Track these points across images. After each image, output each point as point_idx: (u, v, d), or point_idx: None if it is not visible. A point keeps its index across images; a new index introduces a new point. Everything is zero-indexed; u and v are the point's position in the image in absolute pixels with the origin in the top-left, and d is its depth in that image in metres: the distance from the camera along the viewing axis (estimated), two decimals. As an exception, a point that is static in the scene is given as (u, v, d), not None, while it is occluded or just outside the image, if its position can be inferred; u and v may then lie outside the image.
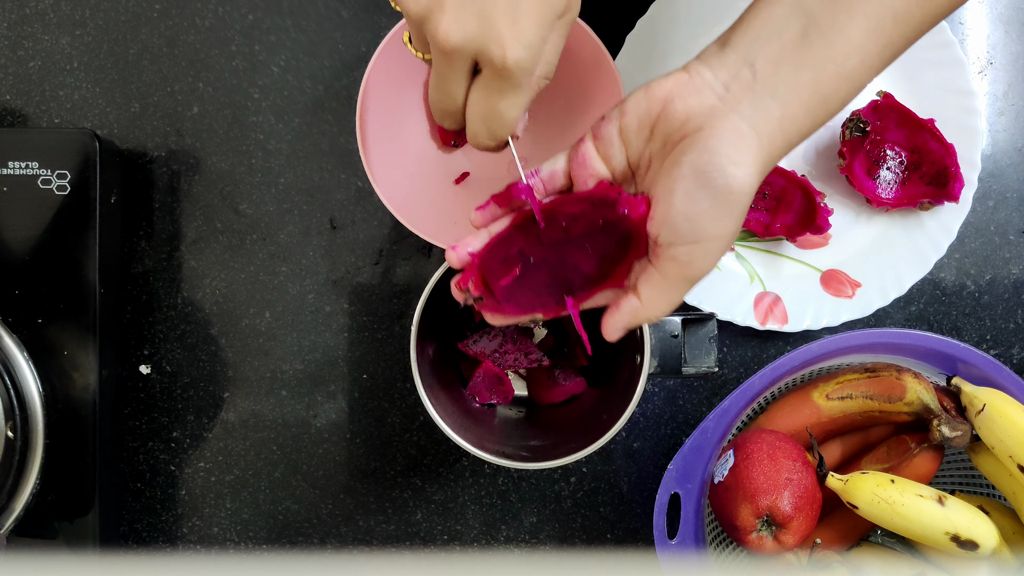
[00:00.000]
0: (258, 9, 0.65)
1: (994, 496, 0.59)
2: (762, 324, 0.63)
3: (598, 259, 0.44)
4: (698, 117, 0.40)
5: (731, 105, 0.40)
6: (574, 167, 0.44)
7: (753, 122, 0.40)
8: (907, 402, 0.56)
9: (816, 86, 0.40)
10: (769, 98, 0.39)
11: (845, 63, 0.39)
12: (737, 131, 0.39)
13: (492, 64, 0.39)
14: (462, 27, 0.38)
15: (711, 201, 0.40)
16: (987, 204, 0.65)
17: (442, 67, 0.41)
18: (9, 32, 0.65)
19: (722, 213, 0.40)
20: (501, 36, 0.38)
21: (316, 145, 0.65)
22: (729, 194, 0.39)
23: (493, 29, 0.38)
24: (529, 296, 0.45)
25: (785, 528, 0.54)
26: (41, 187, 0.59)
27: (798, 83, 0.39)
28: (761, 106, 0.40)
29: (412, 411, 0.65)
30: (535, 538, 0.65)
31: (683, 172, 0.40)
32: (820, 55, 0.39)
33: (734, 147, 0.39)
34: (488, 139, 0.43)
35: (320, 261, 0.65)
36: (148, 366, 0.65)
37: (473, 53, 0.39)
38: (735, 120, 0.40)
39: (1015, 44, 0.66)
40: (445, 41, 0.39)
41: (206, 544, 0.65)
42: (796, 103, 0.40)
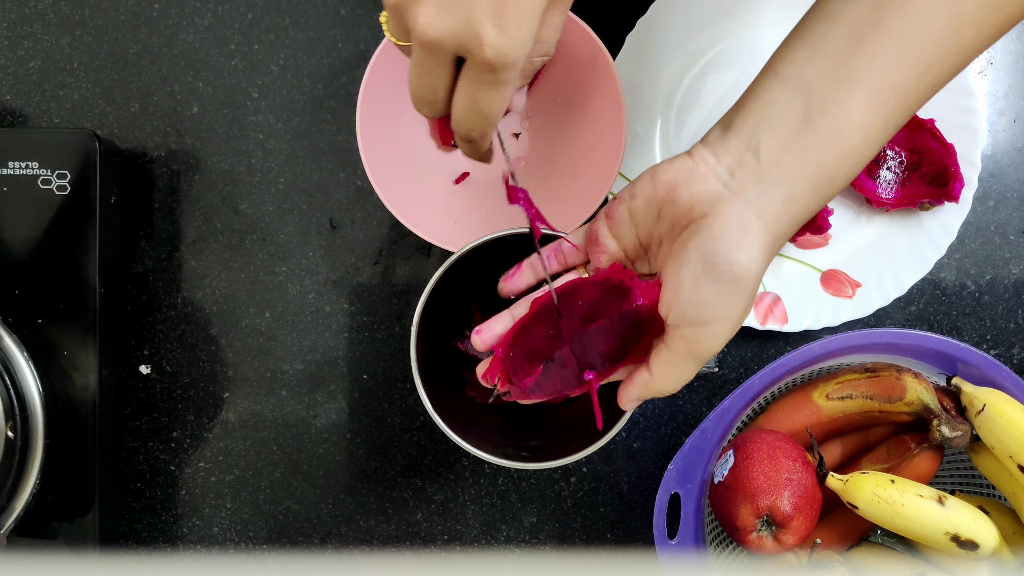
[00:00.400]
0: (257, 8, 0.65)
1: (994, 496, 0.59)
2: (762, 324, 0.63)
3: (617, 342, 0.45)
4: (703, 204, 0.40)
5: (735, 192, 0.40)
6: (588, 244, 0.46)
7: (758, 208, 0.40)
8: (907, 402, 0.56)
9: (820, 166, 0.40)
10: (774, 184, 0.40)
11: (849, 140, 0.40)
12: (742, 218, 0.40)
13: (475, 58, 0.38)
14: (444, 19, 0.37)
15: (717, 287, 0.40)
16: (987, 204, 0.65)
17: (422, 58, 0.40)
18: (9, 32, 0.65)
19: (728, 298, 0.40)
20: (484, 29, 0.37)
21: (315, 144, 0.65)
22: (734, 279, 0.40)
23: (476, 21, 0.37)
24: (554, 382, 0.47)
25: (785, 528, 0.54)
26: (41, 187, 0.59)
27: (803, 166, 0.40)
28: (766, 192, 0.40)
29: (412, 411, 0.65)
30: (535, 538, 0.65)
31: (689, 257, 0.41)
32: (823, 135, 0.39)
33: (739, 234, 0.40)
34: (473, 132, 0.42)
35: (320, 261, 0.65)
36: (148, 366, 0.65)
37: (455, 46, 0.38)
38: (740, 207, 0.40)
39: (1015, 44, 0.66)
40: (424, 33, 0.38)
41: (206, 544, 0.65)
42: (801, 185, 0.40)
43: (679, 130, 0.64)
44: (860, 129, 0.40)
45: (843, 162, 0.40)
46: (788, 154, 0.40)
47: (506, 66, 0.38)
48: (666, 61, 0.63)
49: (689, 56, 0.64)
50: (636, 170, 0.64)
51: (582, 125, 0.62)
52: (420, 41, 0.38)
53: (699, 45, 0.64)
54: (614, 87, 0.58)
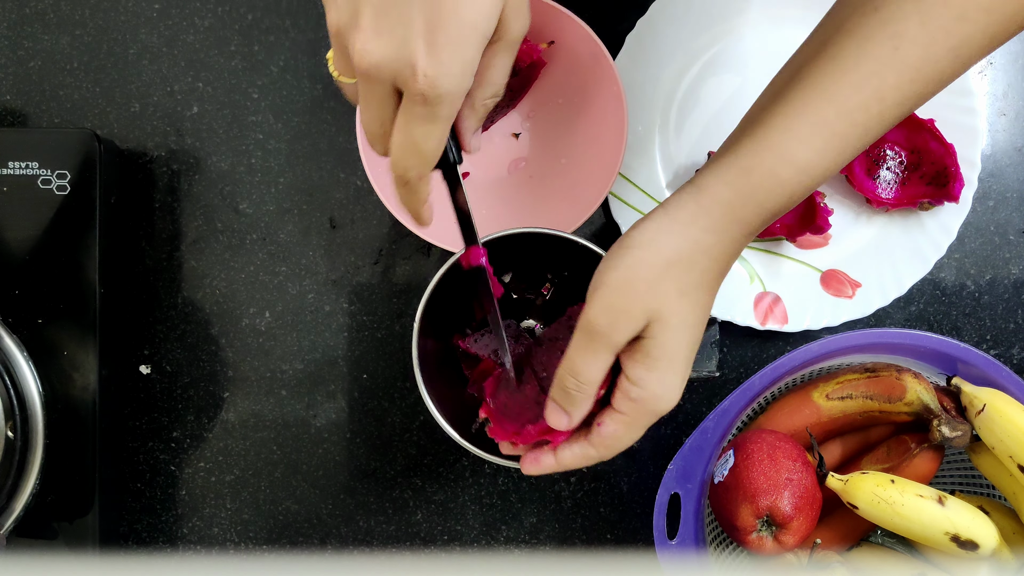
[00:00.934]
0: (257, 9, 0.65)
1: (994, 496, 0.59)
2: (762, 324, 0.63)
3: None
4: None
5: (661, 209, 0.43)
6: None
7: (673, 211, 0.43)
8: (907, 402, 0.56)
9: (741, 174, 0.41)
10: (688, 190, 0.43)
11: (778, 150, 0.41)
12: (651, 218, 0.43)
13: (409, 89, 0.37)
14: (378, 47, 0.37)
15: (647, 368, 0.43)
16: (987, 204, 0.65)
17: (363, 87, 0.39)
18: (9, 32, 0.65)
19: (658, 371, 0.43)
20: (416, 60, 0.36)
21: (315, 144, 0.65)
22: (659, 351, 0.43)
23: (409, 52, 0.36)
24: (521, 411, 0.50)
25: (785, 528, 0.54)
26: (41, 187, 0.59)
27: (719, 176, 0.42)
28: (680, 195, 0.43)
29: (412, 411, 0.65)
30: (535, 538, 0.65)
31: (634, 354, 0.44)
32: (745, 147, 0.41)
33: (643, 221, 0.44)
34: (408, 172, 0.41)
35: (320, 261, 0.65)
36: (148, 366, 0.65)
37: (391, 74, 0.37)
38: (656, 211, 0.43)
39: (1015, 44, 0.66)
40: (361, 60, 0.37)
41: (206, 544, 0.65)
42: (718, 190, 0.42)
43: (679, 130, 0.64)
44: (792, 138, 0.41)
45: (771, 171, 0.41)
46: (706, 175, 0.42)
47: (440, 98, 0.37)
48: (666, 61, 0.63)
49: (689, 56, 0.64)
50: (636, 170, 0.64)
51: (583, 125, 0.62)
52: (358, 69, 0.38)
53: (699, 45, 0.64)
54: (615, 87, 0.58)
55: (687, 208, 0.42)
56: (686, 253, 0.41)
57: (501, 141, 0.64)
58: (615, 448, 0.45)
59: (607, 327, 0.42)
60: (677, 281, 0.41)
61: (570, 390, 0.44)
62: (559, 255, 0.58)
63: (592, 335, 0.42)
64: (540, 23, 0.59)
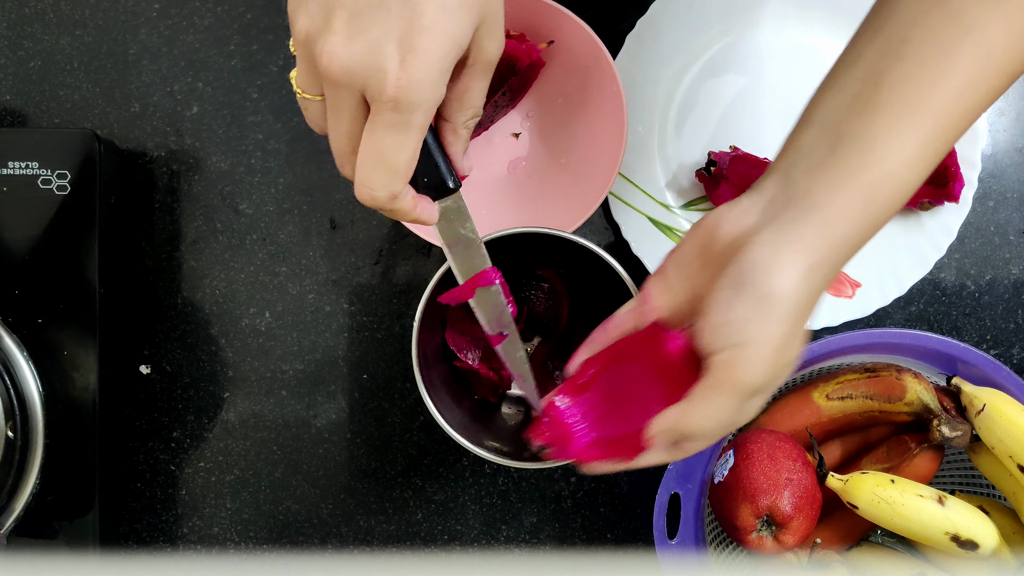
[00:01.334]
0: (256, 8, 0.65)
1: (994, 496, 0.59)
2: (762, 324, 0.63)
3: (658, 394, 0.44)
4: (739, 239, 0.40)
5: (768, 223, 0.40)
6: (639, 307, 0.45)
7: (789, 235, 0.40)
8: (907, 402, 0.56)
9: (854, 192, 0.40)
10: (805, 211, 0.40)
11: (881, 165, 0.39)
12: (773, 244, 0.40)
13: (377, 97, 0.37)
14: (349, 53, 0.36)
15: (747, 304, 0.39)
16: (987, 204, 0.65)
17: (331, 98, 0.38)
18: (9, 32, 0.65)
19: (761, 318, 0.39)
20: (388, 67, 0.36)
21: (315, 144, 0.65)
22: (766, 298, 0.39)
23: (382, 57, 0.36)
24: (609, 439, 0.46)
25: (785, 528, 0.54)
26: (41, 187, 0.59)
27: (833, 193, 0.40)
28: (799, 220, 0.40)
29: (412, 411, 0.65)
30: (535, 538, 0.65)
31: (722, 283, 0.40)
32: (852, 163, 0.39)
33: (771, 258, 0.39)
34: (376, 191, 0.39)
35: (320, 261, 0.65)
36: (148, 366, 0.65)
37: (362, 81, 0.36)
38: (771, 235, 0.40)
39: (1015, 44, 0.66)
40: (328, 66, 0.36)
41: (206, 544, 0.65)
42: (835, 212, 0.40)
43: (679, 130, 0.64)
44: (893, 152, 0.39)
45: (879, 187, 0.40)
46: (817, 183, 0.40)
47: (413, 105, 0.37)
48: (666, 61, 0.63)
49: (689, 56, 0.64)
50: (636, 170, 0.64)
51: (583, 125, 0.62)
52: (327, 75, 0.37)
53: (699, 45, 0.64)
54: (615, 87, 0.58)
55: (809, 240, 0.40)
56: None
57: (501, 141, 0.64)
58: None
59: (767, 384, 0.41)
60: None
61: (686, 451, 0.43)
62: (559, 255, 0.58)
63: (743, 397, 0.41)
64: (540, 23, 0.59)
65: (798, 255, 0.40)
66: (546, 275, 0.61)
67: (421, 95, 0.37)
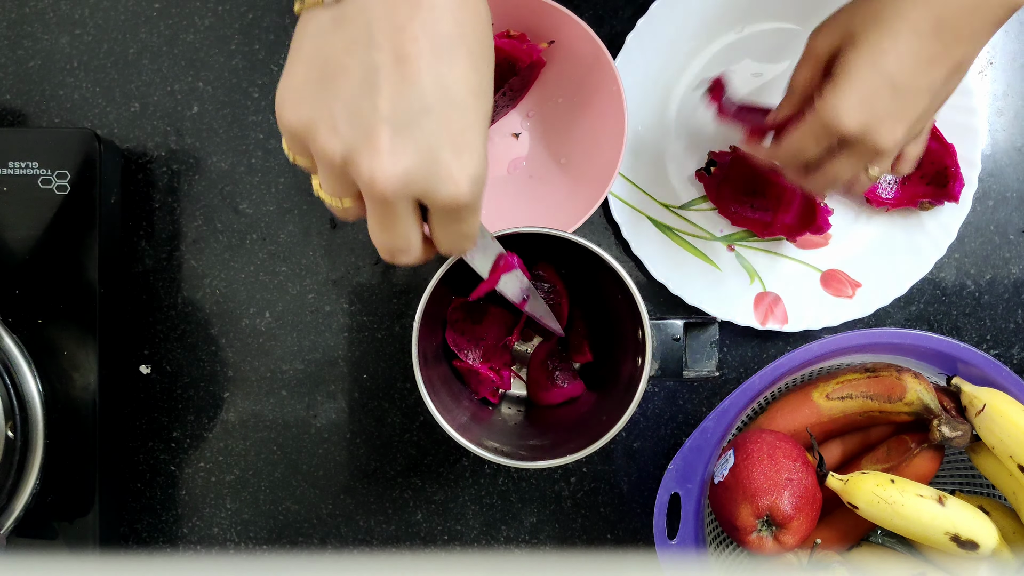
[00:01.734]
0: (257, 8, 0.65)
1: (994, 496, 0.59)
2: (762, 324, 0.63)
3: None
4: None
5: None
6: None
7: None
8: (907, 402, 0.56)
9: None
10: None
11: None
12: None
13: (443, 202, 0.36)
14: (404, 168, 0.35)
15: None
16: (987, 204, 0.65)
17: (380, 210, 0.37)
18: (9, 32, 0.65)
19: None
20: (448, 172, 0.35)
21: (316, 145, 0.65)
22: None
23: (439, 166, 0.35)
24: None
25: (785, 528, 0.54)
26: (41, 187, 0.59)
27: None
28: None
29: (412, 411, 0.65)
30: (535, 538, 0.65)
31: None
32: None
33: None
34: (461, 253, 0.44)
35: (320, 261, 0.65)
36: (148, 366, 0.65)
37: (419, 193, 0.36)
38: None
39: (1015, 44, 0.66)
40: (384, 186, 0.35)
41: (206, 544, 0.65)
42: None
43: (679, 130, 0.64)
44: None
45: None
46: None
47: (479, 194, 0.37)
48: (666, 61, 0.63)
49: (689, 55, 0.64)
50: (636, 170, 0.64)
51: (582, 125, 0.62)
52: (379, 195, 0.35)
53: (699, 44, 0.64)
54: (615, 87, 0.58)
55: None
56: None
57: (501, 141, 0.64)
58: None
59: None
60: None
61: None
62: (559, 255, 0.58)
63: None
64: (540, 22, 0.59)
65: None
66: (546, 274, 0.61)
67: (482, 182, 0.37)
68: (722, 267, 0.64)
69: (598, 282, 0.57)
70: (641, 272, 0.64)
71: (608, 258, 0.51)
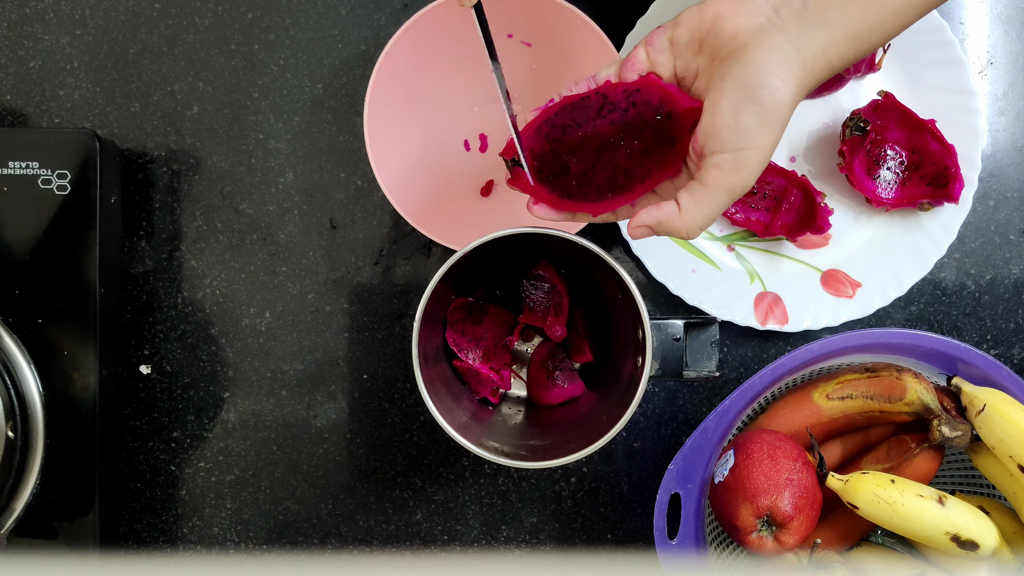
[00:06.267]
0: (257, 8, 0.65)
1: (994, 496, 0.59)
2: (762, 324, 0.63)
3: (638, 156, 0.46)
4: (745, 35, 0.42)
5: (779, 27, 0.42)
6: (624, 70, 0.46)
7: (798, 45, 0.42)
8: (907, 402, 0.56)
9: (862, 18, 0.42)
10: (816, 26, 0.42)
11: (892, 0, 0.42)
12: (782, 50, 0.42)
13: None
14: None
15: (755, 112, 0.42)
16: (987, 204, 0.65)
17: None
18: (9, 32, 0.65)
19: (765, 125, 0.42)
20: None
21: (315, 144, 0.65)
22: (772, 105, 0.42)
23: None
24: (569, 185, 0.47)
25: (785, 528, 0.54)
26: (41, 187, 0.59)
27: (846, 14, 0.42)
28: (807, 32, 0.42)
29: (412, 411, 0.65)
30: (535, 538, 0.65)
31: (728, 86, 0.42)
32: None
33: (779, 64, 0.42)
34: None
35: (320, 261, 0.65)
36: (148, 366, 0.65)
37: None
38: (780, 40, 0.42)
39: (1015, 44, 0.66)
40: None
41: (206, 544, 0.65)
42: (841, 31, 0.42)
43: (679, 130, 0.64)
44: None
45: (884, 18, 0.42)
46: (833, 1, 0.42)
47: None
48: (666, 61, 0.63)
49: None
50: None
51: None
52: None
53: (699, 45, 0.64)
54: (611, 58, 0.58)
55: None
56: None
57: (503, 140, 0.64)
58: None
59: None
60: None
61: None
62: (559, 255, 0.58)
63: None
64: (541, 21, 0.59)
65: (802, 69, 0.42)
66: (546, 274, 0.61)
67: None
68: (722, 267, 0.64)
69: (598, 282, 0.57)
70: (641, 272, 0.64)
71: (608, 258, 0.51)
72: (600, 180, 0.47)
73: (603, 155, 0.46)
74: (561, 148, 0.47)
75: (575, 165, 0.47)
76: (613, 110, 0.45)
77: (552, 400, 0.62)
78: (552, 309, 0.61)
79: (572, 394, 0.62)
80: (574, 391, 0.62)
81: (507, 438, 0.56)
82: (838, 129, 0.64)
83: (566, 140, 0.46)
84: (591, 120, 0.46)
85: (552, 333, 0.61)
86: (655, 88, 0.45)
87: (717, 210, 0.45)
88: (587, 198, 0.47)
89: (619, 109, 0.45)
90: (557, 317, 0.61)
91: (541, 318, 0.61)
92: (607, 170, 0.46)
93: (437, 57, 0.61)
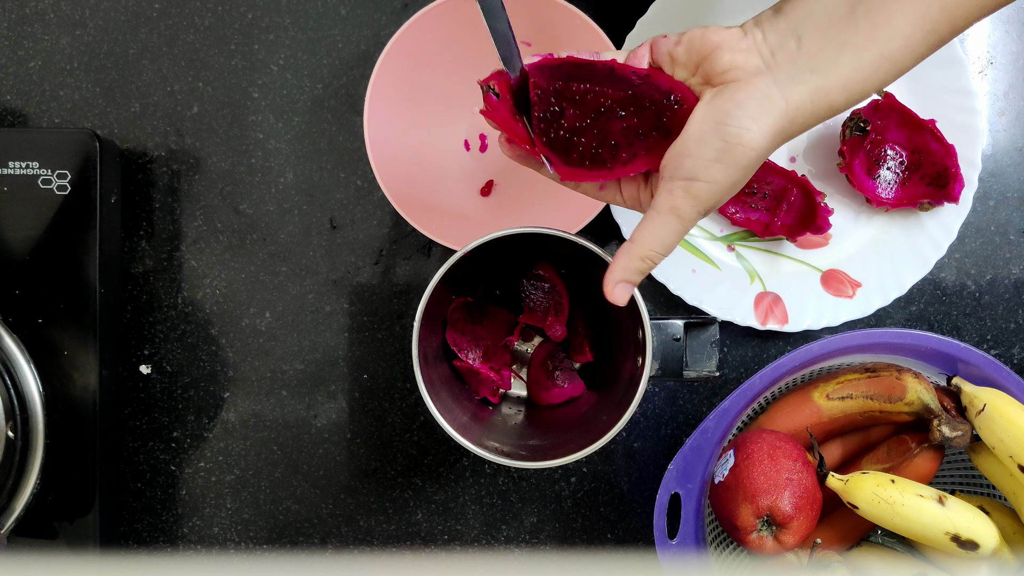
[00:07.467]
0: (257, 8, 0.65)
1: (994, 496, 0.59)
2: (762, 324, 0.63)
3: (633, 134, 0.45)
4: (739, 71, 0.42)
5: (771, 69, 0.42)
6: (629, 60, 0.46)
7: (786, 89, 0.42)
8: (907, 402, 0.56)
9: (857, 65, 0.41)
10: (808, 71, 0.41)
11: (888, 45, 0.41)
12: (767, 94, 0.41)
13: None
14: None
15: (718, 147, 0.42)
16: (987, 204, 0.65)
17: None
18: (9, 32, 0.65)
19: (725, 162, 0.42)
20: None
21: (315, 144, 0.65)
22: (737, 145, 0.41)
23: None
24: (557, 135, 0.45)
25: (785, 528, 0.54)
26: (41, 187, 0.59)
27: (839, 60, 0.41)
28: (798, 77, 0.41)
29: (412, 411, 0.65)
30: (535, 538, 0.65)
31: (704, 114, 0.42)
32: (864, 36, 0.41)
33: (758, 106, 0.41)
34: None
35: (320, 261, 0.65)
36: (148, 366, 0.65)
37: None
38: (768, 83, 0.42)
39: (1015, 44, 0.66)
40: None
41: (206, 544, 0.65)
42: (833, 78, 0.41)
43: (679, 130, 0.64)
44: (901, 37, 0.41)
45: (879, 66, 0.41)
46: (828, 47, 0.41)
47: None
48: (666, 61, 0.63)
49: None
50: (636, 170, 0.64)
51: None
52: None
53: (699, 45, 0.64)
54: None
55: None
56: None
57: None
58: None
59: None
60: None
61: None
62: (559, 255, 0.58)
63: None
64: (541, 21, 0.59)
65: (783, 117, 0.42)
66: (546, 274, 0.61)
67: None
68: (722, 267, 0.64)
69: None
70: (641, 272, 0.64)
71: (608, 258, 0.51)
72: (585, 144, 0.45)
73: (600, 118, 0.45)
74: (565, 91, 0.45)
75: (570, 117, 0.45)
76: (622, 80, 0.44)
77: (552, 400, 0.62)
78: (552, 309, 0.61)
79: (572, 394, 0.62)
80: (574, 391, 0.62)
81: (507, 438, 0.56)
82: (838, 129, 0.64)
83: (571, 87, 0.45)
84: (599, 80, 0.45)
85: (552, 333, 0.61)
86: (666, 77, 0.44)
87: (671, 237, 0.44)
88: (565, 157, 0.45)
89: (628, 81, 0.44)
90: (557, 317, 0.61)
91: (541, 318, 0.61)
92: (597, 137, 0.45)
93: (437, 57, 0.61)
